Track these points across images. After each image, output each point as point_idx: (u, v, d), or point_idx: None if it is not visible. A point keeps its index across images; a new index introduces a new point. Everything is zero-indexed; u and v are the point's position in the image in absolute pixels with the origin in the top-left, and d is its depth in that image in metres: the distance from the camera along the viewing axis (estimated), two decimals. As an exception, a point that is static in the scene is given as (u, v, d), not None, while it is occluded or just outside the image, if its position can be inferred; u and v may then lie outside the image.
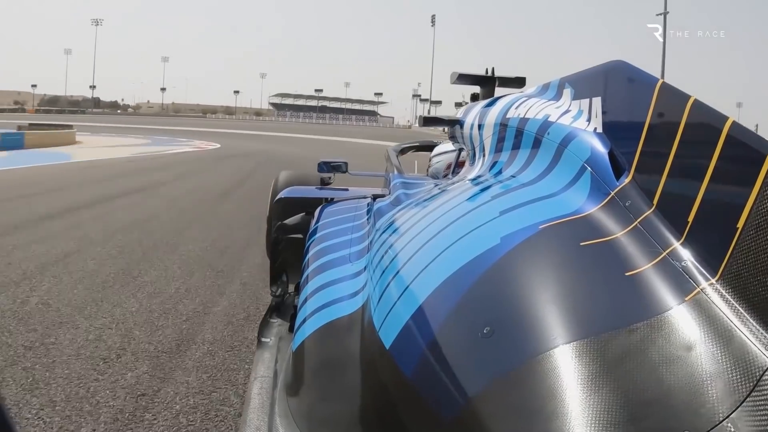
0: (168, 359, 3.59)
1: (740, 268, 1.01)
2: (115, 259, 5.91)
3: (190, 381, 3.32)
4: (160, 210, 9.27)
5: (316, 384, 1.70)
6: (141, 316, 4.31)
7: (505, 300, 1.31)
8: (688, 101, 1.23)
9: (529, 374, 1.07)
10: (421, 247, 1.75)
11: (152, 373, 3.38)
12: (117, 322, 4.13)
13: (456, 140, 3.82)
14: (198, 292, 4.96)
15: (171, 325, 4.15)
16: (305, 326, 1.86)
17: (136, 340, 3.84)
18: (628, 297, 1.15)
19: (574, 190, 1.60)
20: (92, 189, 11.39)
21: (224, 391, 3.22)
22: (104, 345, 3.73)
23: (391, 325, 1.49)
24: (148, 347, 3.74)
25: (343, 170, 4.49)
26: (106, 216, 8.40)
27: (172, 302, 4.66)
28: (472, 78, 4.40)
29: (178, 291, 4.97)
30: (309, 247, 2.55)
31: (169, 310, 4.46)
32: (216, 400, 3.12)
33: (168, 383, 3.27)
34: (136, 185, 12.30)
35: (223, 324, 4.23)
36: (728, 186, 1.09)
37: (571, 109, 1.95)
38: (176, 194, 11.41)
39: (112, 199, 10.21)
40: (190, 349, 3.75)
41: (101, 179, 13.31)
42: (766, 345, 0.91)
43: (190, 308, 4.54)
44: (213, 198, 11.26)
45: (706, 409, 0.88)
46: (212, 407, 3.05)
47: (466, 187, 2.39)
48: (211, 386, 3.28)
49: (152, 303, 4.61)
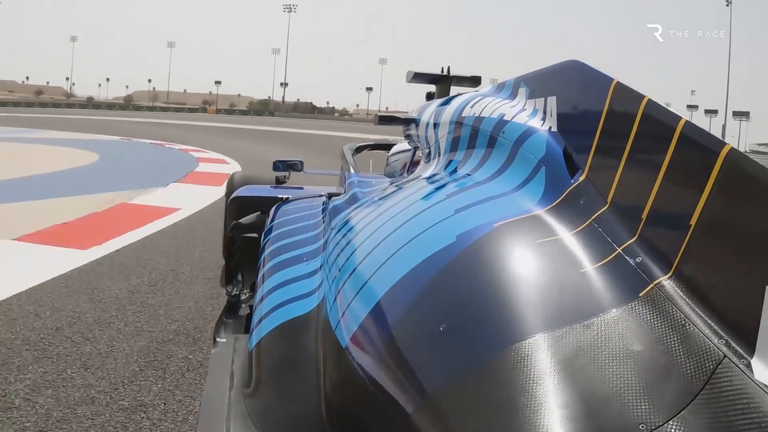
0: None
1: (693, 264, 1.03)
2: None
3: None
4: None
5: (272, 384, 1.68)
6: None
7: (461, 298, 1.31)
8: (642, 101, 1.25)
9: (486, 371, 1.07)
10: (376, 245, 1.74)
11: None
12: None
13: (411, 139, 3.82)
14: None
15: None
16: (261, 326, 1.84)
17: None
18: (583, 293, 1.17)
19: (529, 188, 1.61)
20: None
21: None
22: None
23: (347, 323, 1.48)
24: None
25: (298, 168, 4.45)
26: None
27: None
28: (428, 77, 4.41)
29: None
30: (264, 247, 2.52)
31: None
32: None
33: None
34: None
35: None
36: (681, 184, 1.11)
37: (526, 107, 1.97)
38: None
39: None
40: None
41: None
42: (719, 339, 0.93)
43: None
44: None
45: (661, 403, 0.89)
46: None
47: (421, 185, 2.39)
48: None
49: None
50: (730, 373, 0.88)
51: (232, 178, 4.75)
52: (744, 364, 0.88)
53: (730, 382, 0.88)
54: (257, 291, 2.18)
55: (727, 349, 0.91)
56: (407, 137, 3.95)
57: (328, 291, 1.77)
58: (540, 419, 0.92)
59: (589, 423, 0.89)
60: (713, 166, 1.00)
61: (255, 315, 1.99)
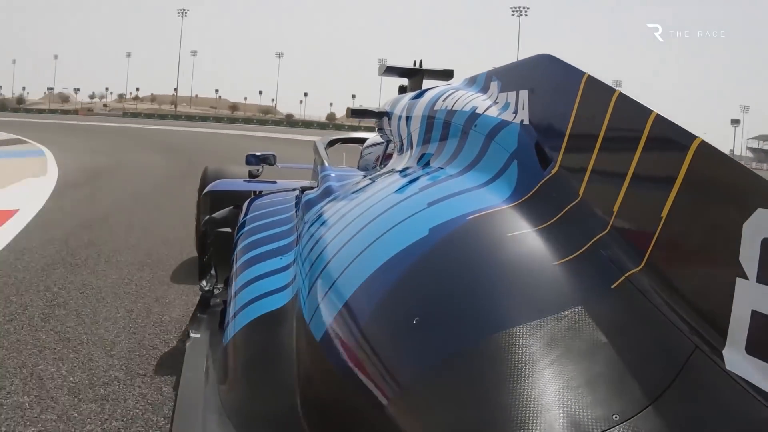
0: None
1: (664, 256, 1.04)
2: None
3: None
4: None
5: (247, 378, 1.67)
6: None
7: (434, 291, 1.31)
8: (614, 94, 1.26)
9: (459, 363, 1.08)
10: (349, 239, 1.74)
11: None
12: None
13: (383, 132, 3.81)
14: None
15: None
16: (236, 321, 1.83)
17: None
18: (555, 286, 1.18)
19: (501, 181, 1.62)
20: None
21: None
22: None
23: (321, 317, 1.48)
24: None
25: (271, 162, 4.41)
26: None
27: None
28: (400, 70, 4.40)
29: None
30: (238, 241, 2.50)
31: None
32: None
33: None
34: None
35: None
36: (652, 177, 1.13)
37: (498, 101, 1.97)
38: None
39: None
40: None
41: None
42: (690, 330, 0.94)
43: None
44: None
45: (634, 393, 0.91)
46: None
47: (394, 179, 2.39)
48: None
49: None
50: (702, 363, 0.90)
51: (206, 172, 4.69)
52: (715, 355, 0.89)
53: (702, 372, 0.89)
54: (231, 286, 2.17)
55: (698, 339, 0.92)
56: (380, 130, 3.93)
57: (301, 285, 1.76)
58: (514, 411, 0.92)
59: (564, 414, 0.90)
60: (684, 159, 1.01)
61: (229, 310, 1.97)
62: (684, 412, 0.86)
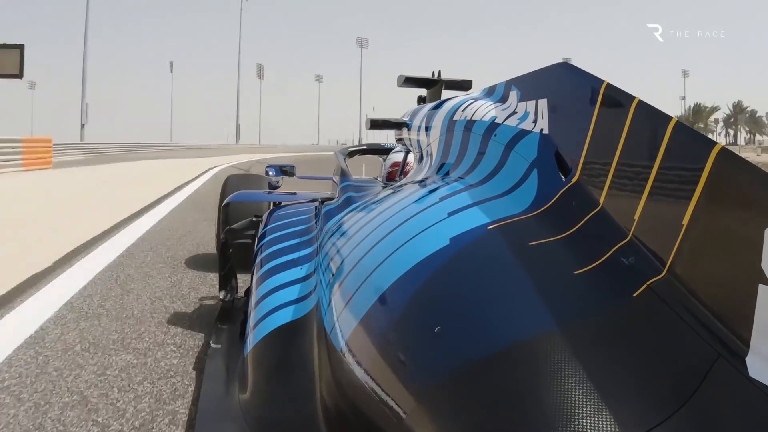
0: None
1: (686, 264, 1.03)
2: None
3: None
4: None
5: (268, 388, 1.68)
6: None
7: (455, 300, 1.31)
8: (633, 102, 1.26)
9: (481, 373, 1.07)
10: (370, 249, 1.74)
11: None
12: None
13: (403, 143, 3.83)
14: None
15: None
16: (256, 331, 1.84)
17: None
18: (576, 295, 1.17)
19: (522, 190, 1.62)
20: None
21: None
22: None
23: (342, 327, 1.48)
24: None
25: (290, 173, 4.44)
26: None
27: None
28: (419, 81, 4.42)
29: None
30: (258, 252, 2.51)
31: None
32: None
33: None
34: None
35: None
36: (673, 184, 1.12)
37: (517, 110, 1.97)
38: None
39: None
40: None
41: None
42: (713, 338, 0.93)
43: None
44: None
45: (657, 403, 0.90)
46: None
47: (413, 189, 2.39)
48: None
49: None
50: (725, 371, 0.89)
51: (226, 183, 4.74)
52: (738, 363, 0.88)
53: (725, 380, 0.88)
54: (251, 296, 2.18)
55: (721, 347, 0.91)
56: (399, 141, 3.95)
57: (322, 295, 1.77)
58: (537, 420, 0.92)
59: (585, 424, 0.89)
60: (704, 165, 1.00)
61: (250, 320, 1.99)
62: (708, 420, 0.86)
